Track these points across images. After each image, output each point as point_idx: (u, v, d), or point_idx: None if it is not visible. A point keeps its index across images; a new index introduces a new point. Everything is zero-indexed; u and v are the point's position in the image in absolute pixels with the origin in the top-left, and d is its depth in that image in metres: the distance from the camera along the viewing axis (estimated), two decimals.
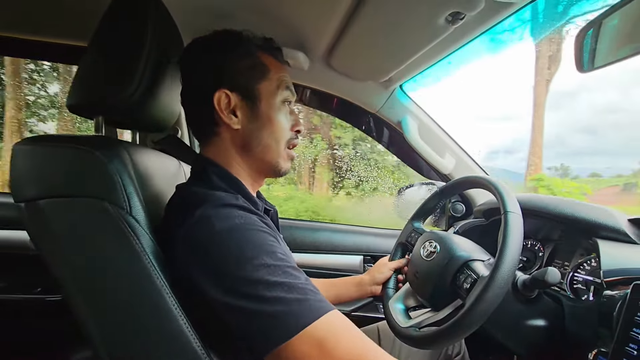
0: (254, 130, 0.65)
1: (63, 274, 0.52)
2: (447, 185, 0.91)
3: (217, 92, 0.62)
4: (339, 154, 5.06)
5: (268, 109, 0.65)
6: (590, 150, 3.23)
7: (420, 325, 0.71)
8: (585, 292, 0.76)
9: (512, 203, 0.66)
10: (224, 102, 0.62)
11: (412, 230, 0.93)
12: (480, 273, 0.65)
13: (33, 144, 0.54)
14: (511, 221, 0.63)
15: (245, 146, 0.65)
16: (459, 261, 0.70)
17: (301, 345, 0.45)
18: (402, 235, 0.95)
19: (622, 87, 3.37)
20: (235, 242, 0.50)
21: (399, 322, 0.76)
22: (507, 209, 0.65)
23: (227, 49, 0.64)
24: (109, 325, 0.53)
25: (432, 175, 1.32)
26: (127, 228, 0.51)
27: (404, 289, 0.86)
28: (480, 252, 0.73)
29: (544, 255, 0.92)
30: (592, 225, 0.75)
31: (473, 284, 0.64)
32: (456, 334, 0.61)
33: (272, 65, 0.66)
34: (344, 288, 0.95)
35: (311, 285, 0.50)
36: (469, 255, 0.71)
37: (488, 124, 4.41)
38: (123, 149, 0.57)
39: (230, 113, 0.63)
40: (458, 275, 0.69)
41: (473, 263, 0.69)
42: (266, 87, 0.65)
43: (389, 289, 0.89)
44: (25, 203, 0.52)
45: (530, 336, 0.71)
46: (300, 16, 0.86)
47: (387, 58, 0.94)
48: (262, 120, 0.65)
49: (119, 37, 0.61)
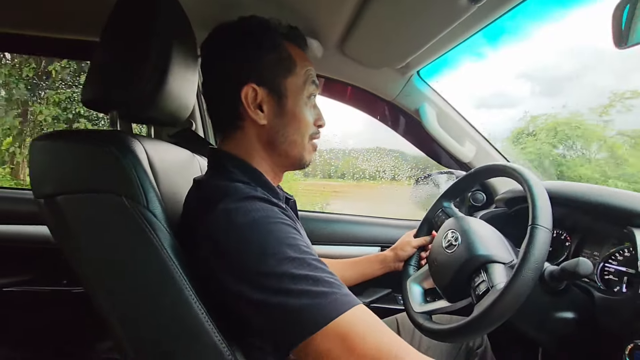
0: (280, 127, 0.64)
1: (82, 269, 0.53)
2: (480, 168, 0.86)
3: (245, 86, 0.61)
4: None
5: (294, 105, 0.64)
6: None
7: (432, 313, 0.71)
8: (618, 284, 0.73)
9: (544, 216, 0.60)
10: (251, 97, 0.61)
11: (440, 209, 0.91)
12: (495, 282, 0.62)
13: (50, 140, 0.55)
14: (537, 237, 0.58)
15: (270, 141, 0.65)
16: (477, 262, 0.68)
17: (325, 340, 0.44)
18: (430, 212, 0.93)
19: (620, 72, 3.22)
20: (258, 236, 0.49)
21: (413, 304, 0.76)
22: (536, 222, 0.59)
23: (254, 41, 0.62)
24: (129, 319, 0.53)
25: (452, 165, 1.28)
26: (145, 222, 0.50)
27: (423, 270, 0.85)
28: (503, 250, 0.69)
29: (571, 245, 0.88)
30: (628, 213, 0.71)
31: (485, 293, 0.62)
32: (474, 331, 0.59)
33: (298, 57, 0.65)
34: (368, 266, 0.97)
35: (336, 278, 0.49)
36: (489, 255, 0.68)
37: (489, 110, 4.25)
38: (138, 143, 0.56)
39: (256, 108, 0.62)
40: (474, 277, 0.67)
41: (492, 266, 0.66)
42: (293, 82, 0.64)
43: (411, 266, 0.90)
44: (44, 199, 0.53)
45: (558, 329, 0.68)
46: (313, 2, 0.83)
47: (404, 43, 0.90)
48: (288, 116, 0.64)
49: (130, 31, 0.61)
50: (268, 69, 0.62)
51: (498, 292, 0.57)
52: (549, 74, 4.02)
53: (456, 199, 0.94)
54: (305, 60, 0.67)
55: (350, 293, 0.48)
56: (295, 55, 0.65)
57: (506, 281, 0.57)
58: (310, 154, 0.69)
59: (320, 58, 1.03)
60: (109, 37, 0.62)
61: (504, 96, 3.28)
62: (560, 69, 4.13)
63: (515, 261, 0.63)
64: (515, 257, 0.67)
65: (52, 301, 1.20)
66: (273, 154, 0.66)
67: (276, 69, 0.63)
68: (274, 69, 0.63)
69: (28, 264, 1.19)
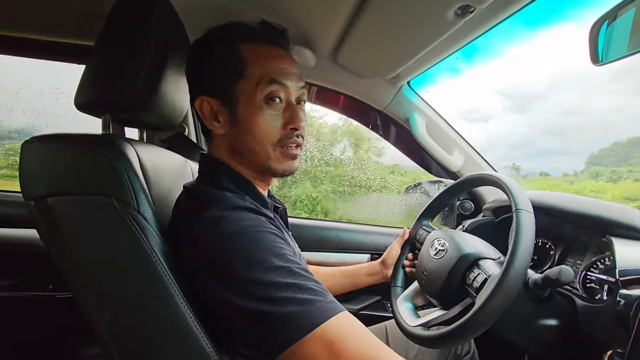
0: (237, 136, 0.62)
1: (71, 272, 0.53)
2: (456, 182, 0.89)
3: (197, 99, 0.62)
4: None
5: (245, 111, 0.60)
6: (556, 150, 3.27)
7: (429, 325, 0.70)
8: (599, 292, 0.75)
9: (523, 201, 0.65)
10: (206, 109, 0.62)
11: (420, 227, 0.92)
12: (490, 271, 0.64)
13: (42, 142, 0.55)
14: (523, 219, 0.62)
15: (235, 150, 0.64)
16: (469, 259, 0.69)
17: (311, 347, 0.44)
18: (411, 231, 0.94)
19: (584, 90, 3.43)
20: (244, 244, 0.50)
21: (407, 321, 0.75)
22: (518, 206, 0.64)
23: (205, 52, 0.63)
24: (117, 322, 0.53)
25: (441, 174, 1.31)
26: (135, 225, 0.51)
27: (412, 288, 0.85)
28: (490, 250, 0.72)
29: (555, 253, 0.90)
30: (606, 223, 0.73)
31: (483, 283, 0.63)
32: (466, 334, 0.60)
33: (253, 57, 0.60)
34: (357, 276, 0.97)
35: (321, 286, 0.50)
36: (479, 253, 0.70)
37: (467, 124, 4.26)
38: (130, 146, 0.57)
39: (213, 119, 0.63)
40: (468, 274, 0.68)
41: (483, 261, 0.68)
42: (243, 87, 0.60)
43: (397, 287, 0.88)
44: (34, 201, 0.53)
45: (542, 336, 0.69)
46: (307, 12, 0.85)
47: (395, 54, 0.93)
48: (242, 124, 0.61)
49: (125, 36, 0.62)
50: (216, 78, 0.61)
51: (497, 277, 0.58)
52: (520, 91, 4.21)
53: (435, 216, 0.96)
54: (264, 58, 0.60)
55: (335, 300, 0.49)
56: (250, 55, 0.60)
57: (502, 268, 0.58)
58: (280, 162, 0.63)
59: (313, 67, 1.05)
60: (103, 41, 0.63)
61: (478, 112, 3.37)
62: (531, 87, 4.30)
63: (503, 258, 0.64)
64: (502, 255, 0.69)
65: (37, 307, 1.17)
66: (242, 161, 0.64)
67: (224, 76, 0.60)
68: (222, 77, 0.61)
69: (12, 268, 1.17)
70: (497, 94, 4.01)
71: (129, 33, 0.61)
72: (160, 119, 0.69)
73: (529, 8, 0.70)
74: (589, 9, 0.59)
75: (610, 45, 0.62)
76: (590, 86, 3.58)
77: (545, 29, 3.26)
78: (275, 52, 0.63)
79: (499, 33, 0.75)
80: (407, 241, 0.94)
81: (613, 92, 3.02)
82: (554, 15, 3.02)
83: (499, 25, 0.75)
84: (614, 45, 0.62)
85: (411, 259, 0.93)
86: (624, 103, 3.25)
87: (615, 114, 3.19)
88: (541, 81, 4.11)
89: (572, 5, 3.26)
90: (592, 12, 0.63)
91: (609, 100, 3.18)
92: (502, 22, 0.74)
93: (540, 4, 0.68)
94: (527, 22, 2.62)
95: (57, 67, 1.14)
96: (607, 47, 0.62)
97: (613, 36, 0.62)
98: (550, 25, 3.30)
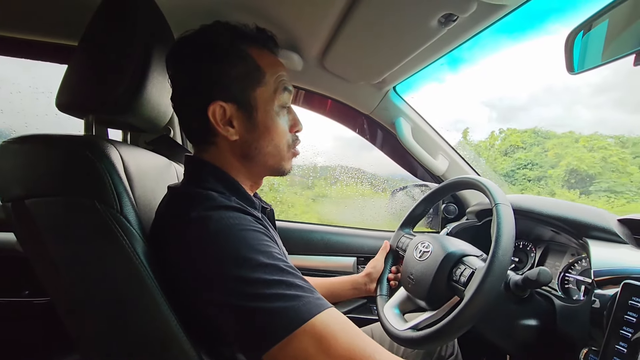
0: (253, 140, 0.62)
1: (50, 275, 0.51)
2: (433, 190, 0.91)
3: (212, 104, 0.59)
4: None
5: (266, 117, 0.62)
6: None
7: (418, 327, 0.71)
8: (576, 292, 0.77)
9: (500, 196, 0.67)
10: (219, 114, 0.59)
11: (402, 235, 0.93)
12: (476, 265, 0.66)
13: (21, 143, 0.53)
14: (502, 212, 0.65)
15: (245, 155, 0.63)
16: (454, 256, 0.71)
17: (300, 342, 0.44)
18: (392, 242, 0.95)
19: (565, 103, 3.62)
20: (230, 242, 0.49)
21: (396, 326, 0.74)
22: (497, 201, 0.67)
23: (218, 55, 0.59)
24: (98, 327, 0.52)
25: (426, 177, 1.33)
26: (117, 227, 0.50)
27: (398, 295, 0.85)
28: (474, 249, 0.74)
29: (535, 255, 0.93)
30: (582, 226, 0.76)
31: (471, 276, 0.65)
32: (454, 330, 0.61)
33: (266, 65, 0.62)
34: (340, 288, 0.96)
35: (308, 283, 0.50)
36: (463, 251, 0.72)
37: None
38: (113, 148, 0.56)
39: (226, 124, 0.61)
40: (454, 271, 0.70)
41: (468, 258, 0.70)
42: (263, 93, 0.62)
43: (383, 295, 0.88)
44: (11, 202, 0.51)
45: (522, 336, 0.71)
46: (294, 17, 0.86)
47: (381, 59, 0.95)
48: (260, 129, 0.62)
49: (110, 36, 0.61)
50: (235, 84, 0.60)
51: (484, 267, 0.60)
52: (505, 103, 4.40)
53: (416, 224, 0.97)
54: (276, 66, 0.64)
55: (322, 297, 0.49)
56: (264, 63, 0.62)
57: (488, 258, 0.61)
58: (288, 162, 0.67)
59: (300, 71, 1.06)
60: (87, 41, 0.62)
61: (464, 122, 3.53)
62: (515, 99, 4.52)
63: (486, 256, 0.66)
64: (485, 254, 0.71)
65: (12, 313, 1.13)
66: (250, 165, 0.65)
67: (243, 83, 0.60)
68: (241, 82, 0.60)
69: None
70: (483, 105, 4.15)
71: (114, 33, 0.61)
72: (145, 121, 0.68)
73: (511, 19, 0.73)
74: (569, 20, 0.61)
75: (586, 54, 0.65)
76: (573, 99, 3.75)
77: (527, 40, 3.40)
78: (278, 60, 0.66)
79: (484, 44, 0.78)
80: (390, 252, 0.95)
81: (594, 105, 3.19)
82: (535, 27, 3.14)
83: (481, 34, 0.78)
84: (589, 54, 0.64)
85: (395, 272, 0.93)
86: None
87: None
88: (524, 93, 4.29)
89: (547, 20, 3.42)
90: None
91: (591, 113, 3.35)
92: (484, 30, 0.76)
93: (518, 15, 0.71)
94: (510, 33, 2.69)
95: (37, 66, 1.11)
96: (582, 56, 0.64)
97: (588, 46, 0.64)
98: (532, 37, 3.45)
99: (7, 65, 1.26)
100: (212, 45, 0.60)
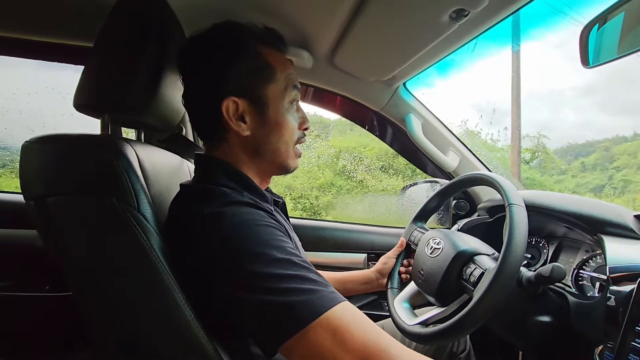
0: (264, 136, 0.64)
1: (71, 271, 0.53)
2: (447, 185, 0.91)
3: (225, 100, 0.60)
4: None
5: (276, 113, 0.64)
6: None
7: (428, 323, 0.71)
8: (591, 289, 0.76)
9: (515, 196, 0.67)
10: (232, 110, 0.61)
11: (414, 229, 0.93)
12: (486, 266, 0.66)
13: (42, 143, 0.55)
14: (515, 213, 0.64)
15: (255, 151, 0.65)
16: (465, 255, 0.71)
17: (315, 335, 0.45)
18: (405, 235, 0.95)
19: (553, 107, 3.59)
20: (244, 238, 0.50)
21: (405, 320, 0.75)
22: (510, 201, 0.66)
23: (230, 52, 0.61)
24: (116, 320, 0.54)
25: (437, 174, 1.32)
26: (135, 224, 0.51)
27: (409, 289, 0.85)
28: (485, 247, 0.73)
29: (548, 251, 0.92)
30: (597, 222, 0.75)
31: (480, 277, 0.65)
32: (464, 328, 0.61)
33: (277, 62, 0.64)
34: (352, 284, 0.97)
35: (322, 277, 0.51)
36: (474, 249, 0.71)
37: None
38: (129, 147, 0.57)
39: (238, 120, 0.62)
40: (464, 269, 0.69)
41: (479, 257, 0.70)
42: (273, 90, 0.63)
43: (393, 289, 0.89)
44: (34, 201, 0.53)
45: (535, 332, 0.70)
46: (304, 15, 0.86)
47: (391, 56, 0.94)
48: (271, 125, 0.64)
49: (124, 37, 0.62)
50: (247, 80, 0.61)
51: (494, 269, 0.60)
52: (492, 106, 4.41)
53: (428, 218, 0.97)
54: (285, 64, 0.66)
55: (336, 291, 0.50)
56: (274, 61, 0.64)
57: (499, 260, 0.60)
58: (294, 160, 0.69)
59: (310, 68, 1.06)
60: (102, 42, 0.64)
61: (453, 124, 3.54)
62: (502, 103, 4.53)
63: (497, 255, 0.66)
64: (497, 252, 0.70)
65: (33, 307, 1.17)
66: (259, 161, 0.66)
67: (255, 79, 0.62)
68: (252, 79, 0.62)
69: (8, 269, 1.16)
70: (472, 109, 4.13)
71: (128, 34, 0.62)
72: (159, 120, 0.69)
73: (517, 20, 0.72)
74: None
75: (601, 48, 0.64)
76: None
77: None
78: (287, 58, 0.67)
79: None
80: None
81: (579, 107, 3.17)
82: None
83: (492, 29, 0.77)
84: (604, 48, 0.63)
85: (406, 265, 0.93)
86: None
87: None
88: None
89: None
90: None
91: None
92: (496, 24, 0.75)
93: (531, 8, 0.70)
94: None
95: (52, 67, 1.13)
96: (597, 50, 0.63)
97: (603, 39, 0.63)
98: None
99: (25, 67, 1.30)
100: (223, 43, 0.62)
